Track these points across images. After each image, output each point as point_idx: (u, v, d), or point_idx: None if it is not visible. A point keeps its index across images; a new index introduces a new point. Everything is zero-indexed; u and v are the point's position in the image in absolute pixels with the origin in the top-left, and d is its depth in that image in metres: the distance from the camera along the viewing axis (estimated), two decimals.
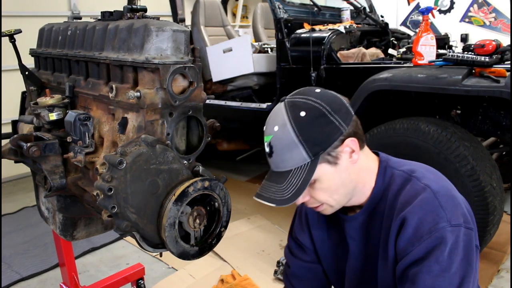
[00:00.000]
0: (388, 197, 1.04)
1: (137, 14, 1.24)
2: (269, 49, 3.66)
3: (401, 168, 1.06)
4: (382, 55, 2.99)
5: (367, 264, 1.11)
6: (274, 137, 0.98)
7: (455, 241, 0.93)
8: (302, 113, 0.97)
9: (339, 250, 1.19)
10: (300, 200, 1.01)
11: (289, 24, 3.16)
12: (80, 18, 1.77)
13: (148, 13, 1.26)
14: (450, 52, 2.66)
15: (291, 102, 1.01)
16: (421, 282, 0.92)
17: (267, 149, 1.01)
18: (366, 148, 1.07)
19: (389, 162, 1.08)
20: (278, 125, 0.98)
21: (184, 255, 1.06)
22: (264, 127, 1.03)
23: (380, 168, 1.07)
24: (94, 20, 1.37)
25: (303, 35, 3.10)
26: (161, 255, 1.24)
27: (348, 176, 1.02)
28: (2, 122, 2.50)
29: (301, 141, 0.95)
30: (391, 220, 1.01)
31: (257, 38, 4.34)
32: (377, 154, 1.11)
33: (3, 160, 1.37)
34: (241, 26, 6.46)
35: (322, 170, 0.98)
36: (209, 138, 1.17)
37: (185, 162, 1.11)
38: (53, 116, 1.28)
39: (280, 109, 1.01)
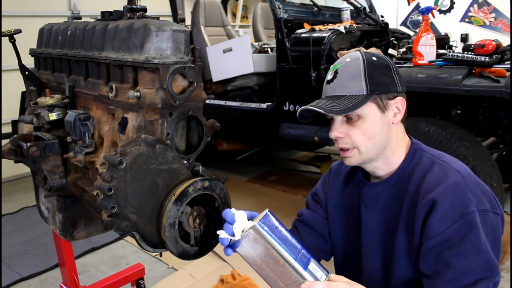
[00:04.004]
0: (414, 176, 1.08)
1: (137, 14, 1.24)
2: (269, 49, 3.67)
3: (430, 152, 1.12)
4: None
5: (382, 238, 1.13)
6: (343, 65, 1.08)
7: (484, 226, 0.96)
8: (374, 58, 1.08)
9: (349, 217, 1.21)
10: (336, 132, 1.08)
11: (289, 24, 3.16)
12: (80, 18, 1.77)
13: (148, 13, 1.26)
14: (450, 52, 2.66)
15: (367, 51, 1.13)
16: (459, 264, 0.94)
17: (329, 76, 1.10)
18: (403, 127, 1.14)
19: (420, 145, 1.14)
20: (351, 58, 1.09)
21: (184, 255, 1.06)
22: (333, 63, 1.14)
23: (411, 149, 1.13)
24: (94, 20, 1.37)
25: (303, 35, 3.10)
26: (161, 255, 1.24)
27: (386, 130, 1.08)
28: (2, 122, 2.50)
29: (365, 75, 1.05)
30: (416, 198, 1.04)
31: (257, 38, 4.34)
32: (410, 138, 1.18)
33: (3, 160, 1.37)
34: (241, 26, 6.46)
35: (371, 109, 1.05)
36: (209, 138, 1.17)
37: (185, 162, 1.11)
38: (53, 116, 1.28)
39: (355, 52, 1.12)
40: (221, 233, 0.97)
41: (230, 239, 0.96)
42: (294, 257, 0.93)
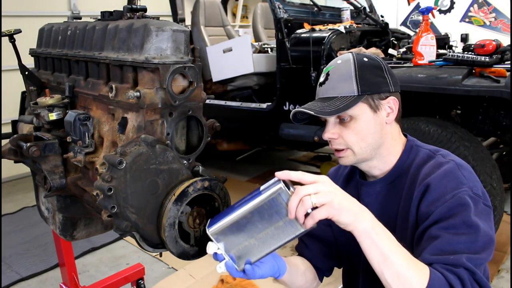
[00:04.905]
0: (410, 171, 1.08)
1: (137, 14, 1.24)
2: (269, 49, 3.66)
3: (427, 147, 1.13)
4: (382, 55, 2.99)
5: None
6: (334, 67, 1.09)
7: (476, 209, 0.95)
8: (365, 59, 1.08)
9: None
10: (329, 133, 1.08)
11: (289, 24, 3.16)
12: (80, 18, 1.77)
13: (148, 13, 1.26)
14: (450, 52, 2.66)
15: (359, 53, 1.13)
16: (446, 237, 0.92)
17: (322, 79, 1.11)
18: (399, 126, 1.14)
19: (415, 142, 1.15)
20: (342, 60, 1.09)
21: (184, 255, 1.06)
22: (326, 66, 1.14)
23: (407, 146, 1.13)
24: (94, 20, 1.37)
25: (303, 35, 3.10)
26: (161, 255, 1.24)
27: (379, 131, 1.08)
28: (2, 122, 2.50)
29: (356, 76, 1.05)
30: (413, 190, 1.04)
31: (257, 38, 4.33)
32: (405, 136, 1.18)
33: (3, 160, 1.37)
34: (241, 26, 6.46)
35: (362, 109, 1.05)
36: (209, 138, 1.17)
37: (185, 162, 1.11)
38: (53, 116, 1.28)
39: (347, 54, 1.12)
40: (220, 268, 0.98)
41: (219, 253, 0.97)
42: (246, 203, 0.91)
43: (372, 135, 1.07)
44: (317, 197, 0.86)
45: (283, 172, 0.90)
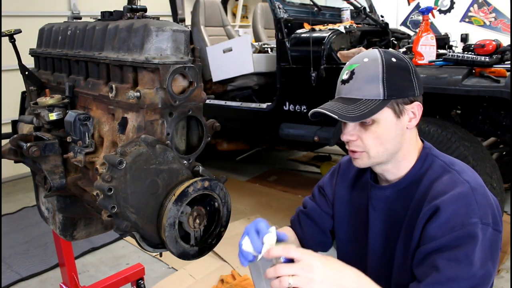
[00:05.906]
0: (422, 182, 1.06)
1: (137, 14, 1.24)
2: (269, 49, 3.66)
3: (442, 158, 1.09)
4: None
5: (386, 240, 1.12)
6: (360, 66, 1.03)
7: (483, 239, 0.94)
8: (394, 59, 1.03)
9: (357, 218, 1.20)
10: (348, 135, 1.05)
11: (289, 24, 3.16)
12: (80, 18, 1.77)
13: (148, 13, 1.26)
14: (450, 52, 2.66)
15: (386, 50, 1.07)
16: (447, 269, 0.92)
17: (345, 76, 1.05)
18: (417, 131, 1.12)
19: (431, 150, 1.12)
20: (369, 58, 1.03)
21: (184, 255, 1.06)
22: (349, 61, 1.07)
23: (422, 153, 1.10)
24: (94, 20, 1.37)
25: (303, 35, 3.10)
26: (161, 255, 1.24)
27: (400, 136, 1.05)
28: (2, 122, 2.50)
29: (383, 79, 1.00)
30: (421, 204, 1.02)
31: (257, 38, 4.33)
32: (422, 141, 1.15)
33: (3, 160, 1.37)
34: (241, 26, 6.46)
35: (386, 114, 1.02)
36: (209, 138, 1.17)
37: (185, 162, 1.11)
38: (53, 116, 1.28)
39: (374, 50, 1.07)
40: (246, 245, 0.96)
41: (252, 254, 0.96)
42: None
43: (392, 141, 1.04)
44: (294, 279, 0.86)
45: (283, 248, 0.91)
